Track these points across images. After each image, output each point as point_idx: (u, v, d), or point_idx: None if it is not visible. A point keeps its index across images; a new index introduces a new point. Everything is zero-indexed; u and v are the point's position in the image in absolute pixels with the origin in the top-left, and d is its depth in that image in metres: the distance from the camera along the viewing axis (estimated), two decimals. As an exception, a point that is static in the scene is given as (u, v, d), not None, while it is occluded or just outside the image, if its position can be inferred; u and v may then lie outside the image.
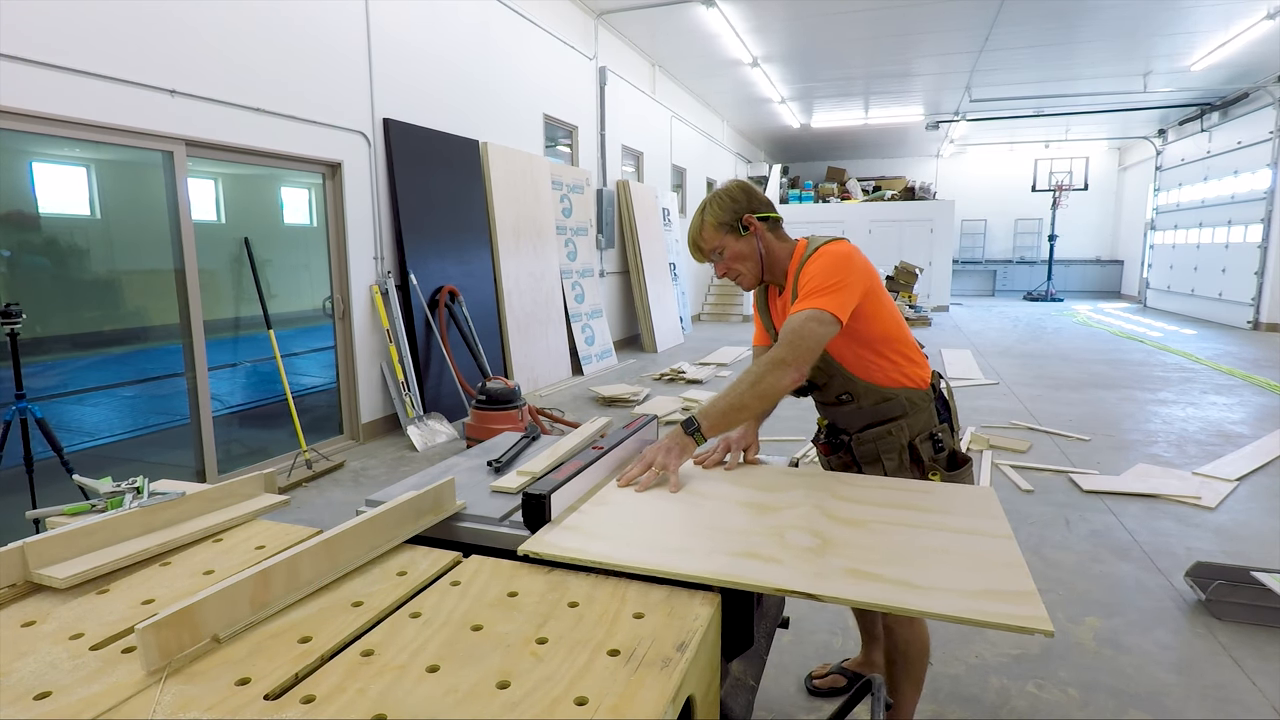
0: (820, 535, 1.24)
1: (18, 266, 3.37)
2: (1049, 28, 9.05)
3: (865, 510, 1.37)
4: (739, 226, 1.73)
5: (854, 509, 1.37)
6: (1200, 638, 2.53)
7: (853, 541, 1.22)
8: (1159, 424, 5.55)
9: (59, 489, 3.15)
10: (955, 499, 1.42)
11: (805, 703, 2.20)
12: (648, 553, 1.16)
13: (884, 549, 1.19)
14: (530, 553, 1.16)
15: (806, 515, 1.33)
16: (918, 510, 1.37)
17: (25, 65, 3.11)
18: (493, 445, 1.92)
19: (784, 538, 1.23)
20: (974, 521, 1.31)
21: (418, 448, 5.01)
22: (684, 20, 8.75)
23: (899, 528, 1.28)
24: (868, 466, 1.76)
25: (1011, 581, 1.08)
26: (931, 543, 1.22)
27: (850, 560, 1.15)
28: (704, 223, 1.75)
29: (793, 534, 1.25)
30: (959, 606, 1.01)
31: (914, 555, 1.17)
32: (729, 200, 1.74)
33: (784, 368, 1.53)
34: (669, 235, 11.18)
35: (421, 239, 5.64)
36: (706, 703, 0.96)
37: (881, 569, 1.12)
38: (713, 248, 1.75)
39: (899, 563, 1.14)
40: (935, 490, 1.48)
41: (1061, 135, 17.48)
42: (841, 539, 1.23)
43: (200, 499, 1.35)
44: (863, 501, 1.41)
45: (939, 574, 1.10)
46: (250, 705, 0.80)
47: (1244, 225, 11.86)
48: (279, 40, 4.37)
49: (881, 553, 1.18)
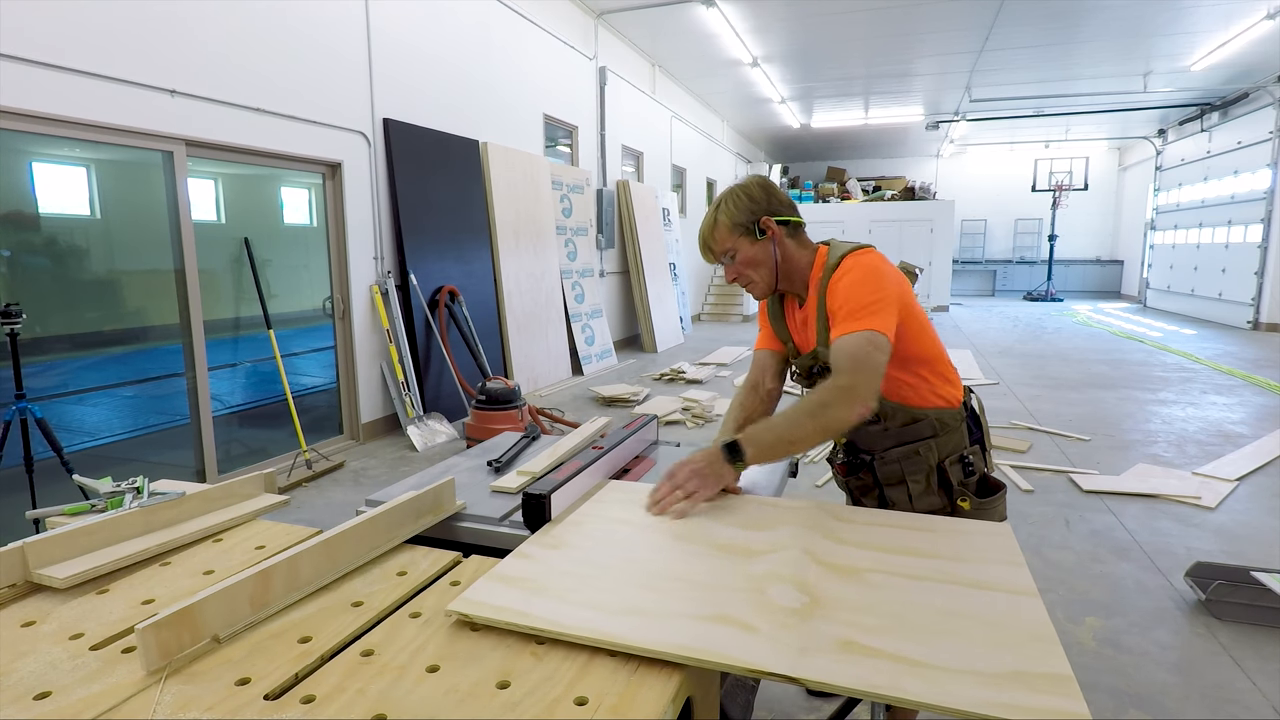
0: (808, 590, 1.04)
1: (18, 266, 3.37)
2: (1049, 28, 9.05)
3: (862, 556, 1.15)
4: (755, 229, 1.55)
5: (849, 554, 1.16)
6: (1200, 638, 2.53)
7: (846, 600, 1.01)
8: (1159, 424, 5.55)
9: (59, 489, 3.15)
10: (966, 541, 1.22)
11: (805, 703, 2.20)
12: (598, 615, 0.97)
13: (884, 610, 0.99)
14: (459, 614, 0.97)
15: (794, 561, 1.12)
16: (923, 556, 1.15)
17: (25, 65, 3.11)
18: (493, 445, 1.92)
19: (765, 593, 1.03)
20: (990, 571, 1.10)
21: (418, 448, 5.01)
22: (684, 20, 8.75)
23: (901, 580, 1.07)
24: (890, 488, 1.60)
25: (1041, 660, 0.86)
26: (940, 602, 1.01)
27: (842, 627, 0.94)
28: (716, 222, 1.57)
29: (776, 588, 1.04)
30: (976, 698, 0.79)
31: (920, 620, 0.96)
32: (746, 199, 1.56)
33: (852, 400, 1.35)
34: (669, 235, 11.18)
35: (421, 239, 5.64)
36: (706, 703, 0.96)
37: (880, 640, 0.91)
38: (724, 250, 1.58)
39: (902, 631, 0.93)
40: (942, 529, 1.27)
41: (1061, 135, 17.48)
42: (833, 596, 1.02)
43: (200, 499, 1.35)
44: (860, 544, 1.20)
45: (951, 648, 0.89)
46: (250, 705, 0.80)
47: (1244, 225, 11.86)
48: (279, 40, 4.37)
49: (881, 615, 0.97)
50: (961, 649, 0.89)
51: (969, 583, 1.07)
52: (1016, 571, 1.10)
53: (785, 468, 1.71)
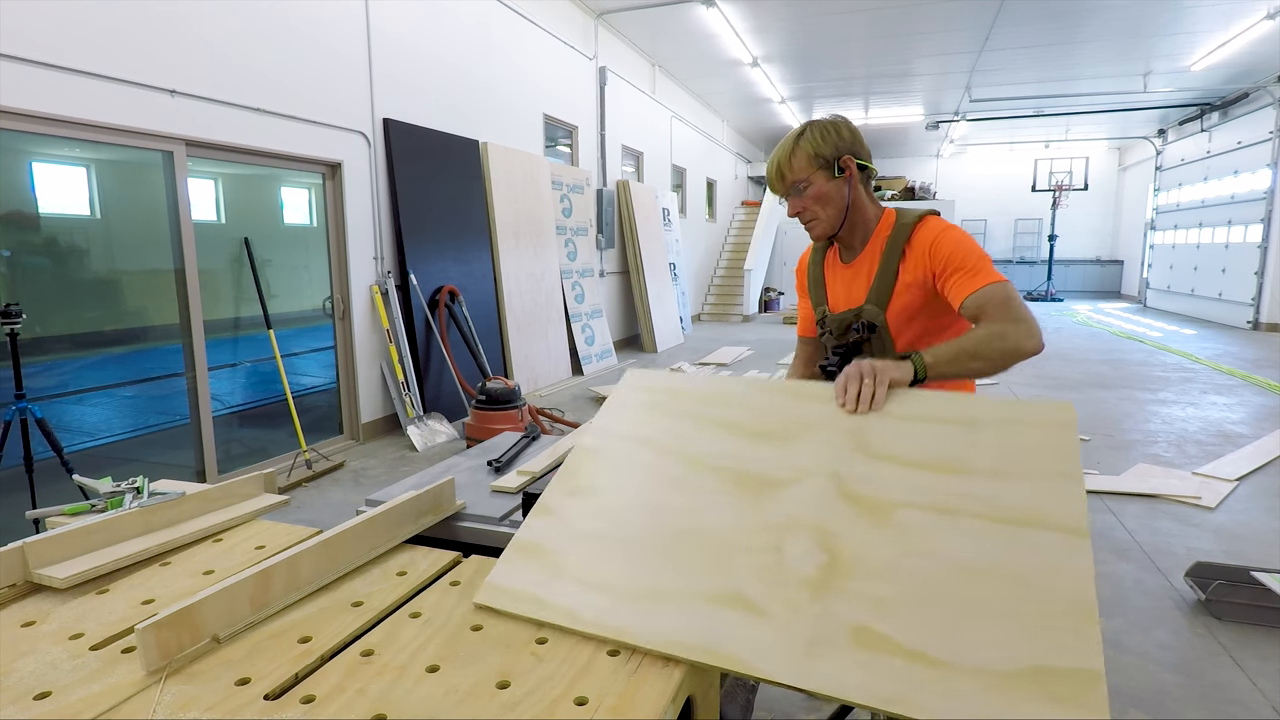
0: (828, 546, 0.95)
1: (18, 266, 3.37)
2: (1049, 28, 9.05)
3: (895, 479, 1.02)
4: (835, 165, 1.49)
5: (881, 475, 1.03)
6: (1200, 638, 2.52)
7: (868, 559, 0.92)
8: (1159, 424, 5.55)
9: (59, 489, 3.15)
10: (1020, 438, 1.04)
11: (805, 702, 2.20)
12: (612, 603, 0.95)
13: (907, 574, 0.89)
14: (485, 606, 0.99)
15: (818, 497, 1.02)
16: (963, 473, 1.01)
17: (25, 65, 3.11)
18: (493, 445, 1.92)
19: (781, 554, 0.95)
20: (1038, 492, 0.95)
21: (418, 448, 5.01)
22: (684, 20, 8.75)
23: (933, 519, 0.95)
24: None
25: (1070, 649, 0.76)
26: (972, 554, 0.90)
27: (858, 606, 0.87)
28: (797, 148, 1.50)
29: (794, 544, 0.96)
30: (989, 706, 0.73)
31: (944, 587, 0.86)
32: (833, 132, 1.50)
33: (1032, 333, 1.27)
34: (669, 235, 11.18)
35: (421, 239, 5.64)
36: (706, 703, 0.96)
37: (898, 626, 0.83)
38: (799, 179, 1.51)
39: (922, 606, 0.85)
40: (992, 420, 1.08)
41: (1061, 135, 17.48)
42: (854, 554, 0.93)
43: (200, 499, 1.35)
44: (895, 458, 1.06)
45: (972, 631, 0.81)
46: (250, 705, 0.80)
47: (1244, 225, 11.86)
48: (279, 40, 4.37)
49: (902, 582, 0.88)
50: (984, 631, 0.81)
51: (1010, 516, 0.93)
52: (1068, 493, 0.93)
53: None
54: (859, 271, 1.57)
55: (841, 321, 1.57)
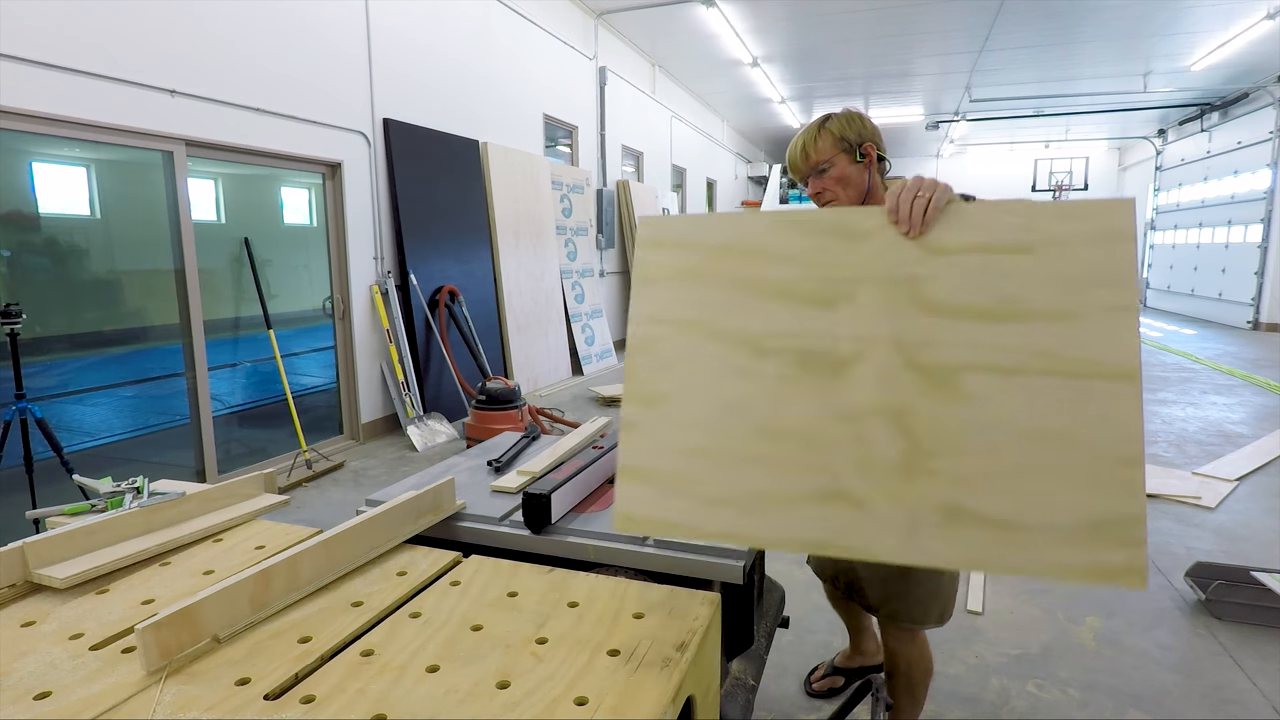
0: (905, 427, 1.00)
1: (18, 266, 3.37)
2: (1049, 28, 9.05)
3: (957, 337, 1.01)
4: (857, 151, 1.60)
5: (943, 337, 1.02)
6: (1200, 638, 2.53)
7: (943, 437, 0.98)
8: (1159, 424, 5.55)
9: (59, 489, 3.15)
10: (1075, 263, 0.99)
11: (805, 703, 2.20)
12: (731, 514, 1.04)
13: (979, 448, 0.96)
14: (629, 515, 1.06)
15: (885, 374, 1.02)
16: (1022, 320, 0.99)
17: (25, 65, 3.11)
18: (493, 445, 1.92)
19: (865, 442, 1.01)
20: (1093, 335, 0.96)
21: (418, 448, 5.01)
22: (684, 20, 8.75)
23: (997, 380, 0.98)
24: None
25: (1119, 498, 0.90)
26: (1034, 418, 0.95)
27: (944, 487, 0.96)
28: (823, 131, 1.60)
29: (874, 431, 1.01)
30: (1054, 559, 0.90)
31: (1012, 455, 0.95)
32: (857, 120, 1.62)
33: None
34: (669, 235, 11.16)
35: (421, 239, 5.64)
36: (706, 703, 0.96)
37: (982, 499, 0.95)
38: (822, 160, 1.59)
39: (996, 477, 0.95)
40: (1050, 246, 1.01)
41: (1061, 135, 17.48)
42: (930, 433, 0.99)
43: (200, 499, 1.35)
44: (955, 311, 1.02)
45: (1038, 493, 0.93)
46: (250, 705, 0.80)
47: (1244, 225, 11.86)
48: (279, 40, 4.37)
49: (976, 457, 0.97)
50: (1047, 492, 0.93)
51: (1068, 369, 0.96)
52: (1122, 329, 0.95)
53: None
54: None
55: None
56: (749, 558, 1.23)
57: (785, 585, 2.29)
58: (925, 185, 1.08)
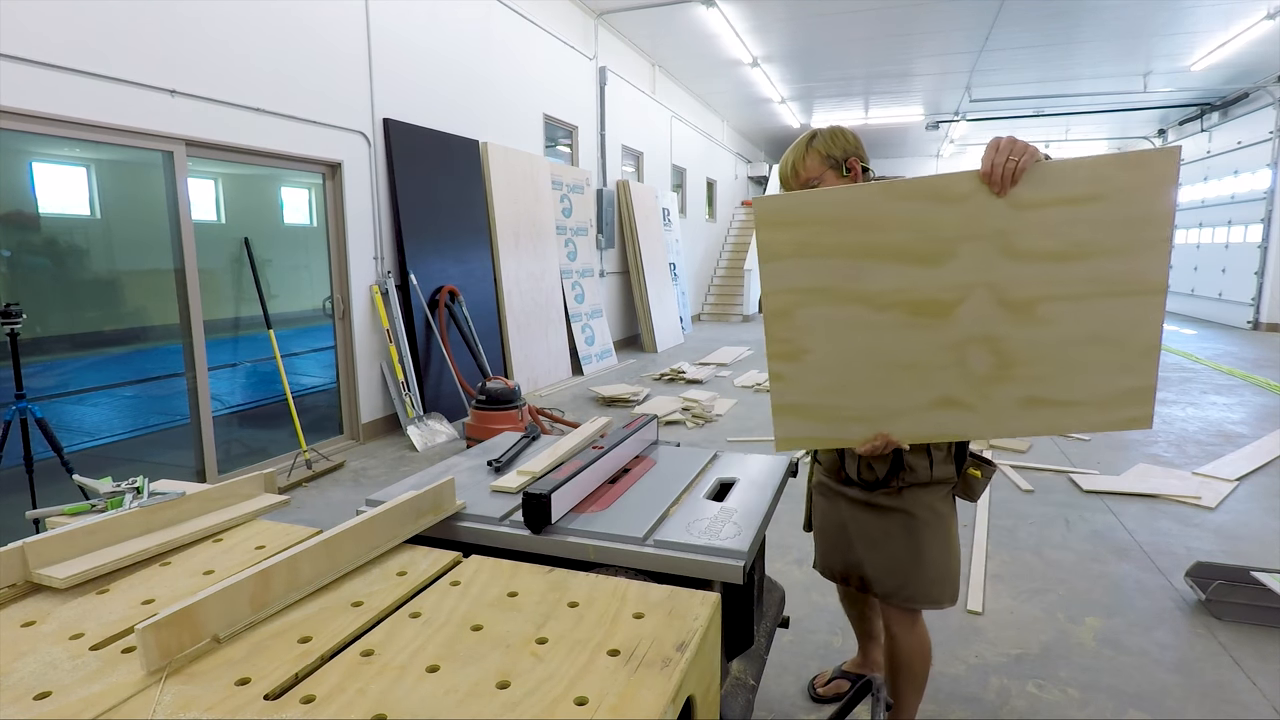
0: (994, 349, 1.34)
1: (18, 266, 3.37)
2: (1049, 28, 9.05)
3: (1038, 276, 1.30)
4: (842, 166, 1.70)
5: (1027, 277, 1.31)
6: (1200, 638, 2.53)
7: (1022, 353, 1.34)
8: (1159, 424, 5.55)
9: (59, 489, 3.15)
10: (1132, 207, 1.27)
11: (805, 703, 2.20)
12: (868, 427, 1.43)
13: (1048, 356, 1.33)
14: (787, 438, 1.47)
15: (980, 311, 1.33)
16: (1089, 258, 1.29)
17: (25, 65, 3.11)
18: (493, 445, 1.92)
19: (965, 364, 1.36)
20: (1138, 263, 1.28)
21: (418, 448, 5.01)
22: (684, 20, 8.75)
23: (1067, 306, 1.31)
24: (912, 455, 1.62)
25: (1140, 374, 1.31)
26: (1090, 328, 1.31)
27: (1022, 386, 1.35)
28: (810, 149, 1.71)
29: (971, 354, 1.35)
30: (1094, 420, 1.34)
31: (1072, 356, 1.32)
32: (841, 137, 1.72)
33: None
34: (669, 235, 11.18)
35: (421, 239, 5.64)
36: (706, 703, 0.96)
37: (1047, 389, 1.34)
38: (811, 177, 1.71)
39: (1060, 374, 1.33)
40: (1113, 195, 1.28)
41: (1061, 135, 17.46)
42: (1013, 351, 1.34)
43: (200, 499, 1.35)
44: (1036, 256, 1.30)
45: (1088, 378, 1.32)
46: (250, 705, 0.80)
47: (1244, 225, 11.87)
48: (279, 40, 4.37)
49: (1046, 362, 1.33)
50: (1094, 376, 1.32)
51: (1119, 289, 1.29)
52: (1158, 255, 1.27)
53: (786, 466, 1.71)
54: None
55: None
56: (749, 558, 1.23)
57: (785, 585, 2.29)
58: (1017, 149, 1.28)
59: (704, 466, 1.72)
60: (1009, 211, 1.29)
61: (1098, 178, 1.27)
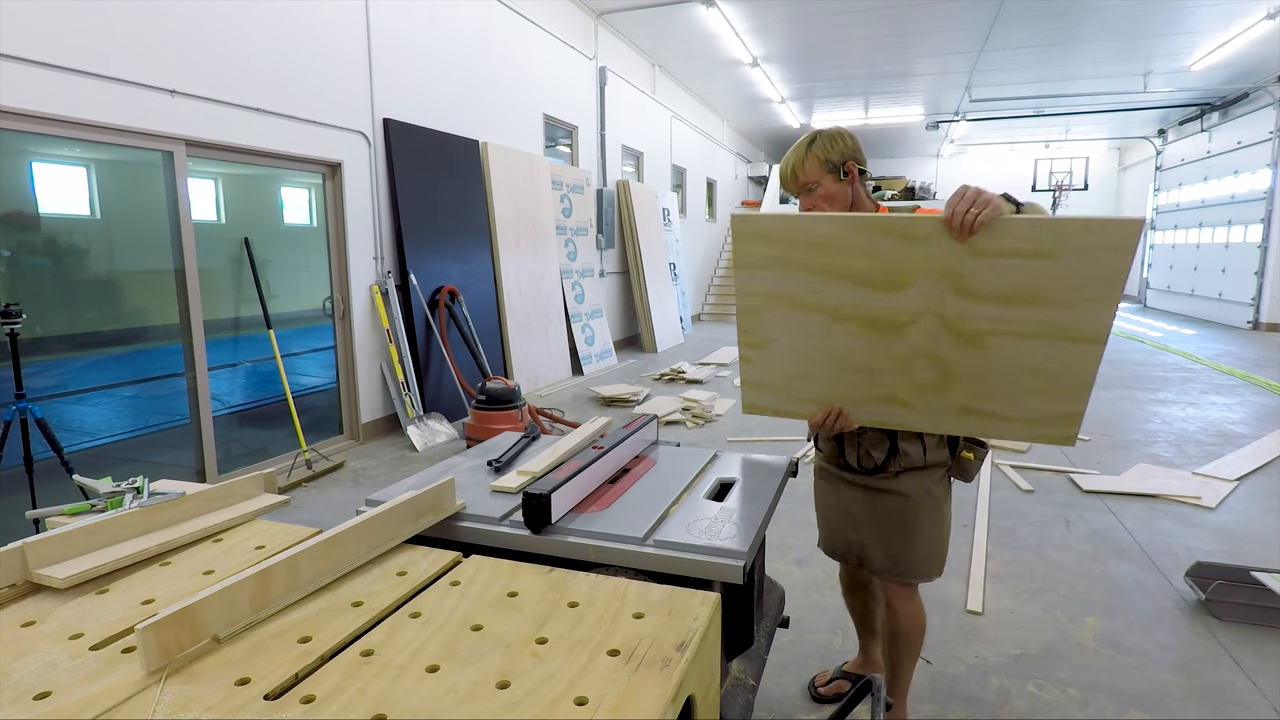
0: (939, 365, 1.45)
1: (18, 266, 3.37)
2: (1049, 28, 9.05)
3: (986, 314, 1.39)
4: (840, 170, 1.73)
5: (975, 313, 1.39)
6: (1200, 638, 2.53)
7: (965, 372, 1.45)
8: (1159, 424, 5.55)
9: (59, 489, 3.15)
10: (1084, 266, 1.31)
11: (805, 703, 2.20)
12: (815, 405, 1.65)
13: (990, 375, 1.44)
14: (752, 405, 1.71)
15: (929, 334, 1.43)
16: (1038, 305, 1.36)
17: (25, 65, 3.11)
18: (493, 445, 1.92)
19: (911, 371, 1.48)
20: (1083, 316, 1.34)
21: (418, 448, 5.01)
22: (684, 20, 8.75)
23: (1012, 341, 1.40)
24: (905, 441, 1.72)
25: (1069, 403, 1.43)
26: (1031, 361, 1.41)
27: (962, 397, 1.48)
28: (809, 154, 1.74)
29: (917, 366, 1.47)
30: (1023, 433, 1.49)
31: (1012, 381, 1.43)
32: (840, 141, 1.75)
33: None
34: (669, 235, 11.18)
35: (421, 239, 5.64)
36: (706, 703, 0.96)
37: (984, 403, 1.47)
38: (809, 181, 1.75)
39: (999, 393, 1.45)
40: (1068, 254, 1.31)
41: (1061, 135, 17.48)
42: (958, 368, 1.45)
43: (200, 499, 1.35)
44: (986, 298, 1.38)
45: (1025, 401, 1.43)
46: (250, 705, 0.80)
47: (1244, 225, 11.87)
48: (279, 40, 4.37)
49: (987, 382, 1.45)
50: (1031, 400, 1.44)
51: (1061, 334, 1.37)
52: (1104, 314, 1.34)
53: (786, 466, 1.71)
54: None
55: None
56: (749, 558, 1.23)
57: (785, 585, 2.29)
58: (980, 201, 1.33)
59: (704, 466, 1.72)
60: (965, 255, 1.36)
61: (1058, 238, 1.31)
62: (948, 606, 2.74)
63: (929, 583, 1.90)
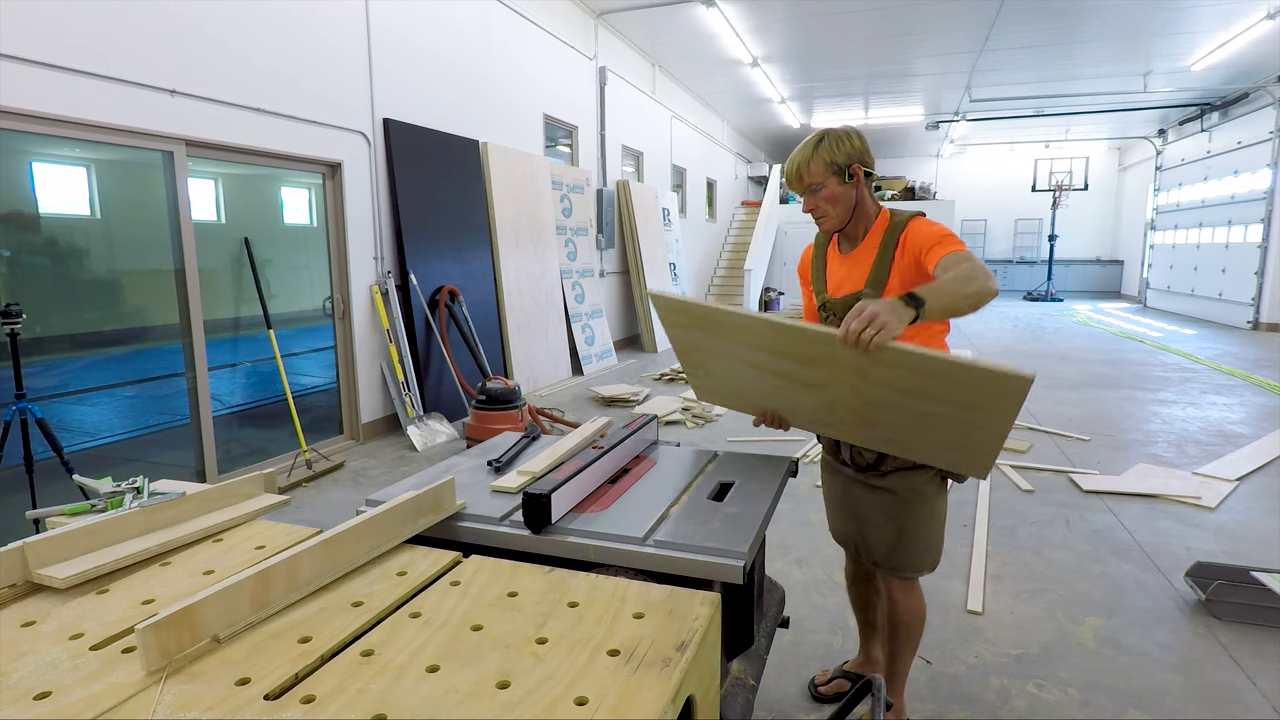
0: (860, 414, 1.57)
1: (18, 266, 3.37)
2: (1049, 28, 9.05)
3: (892, 393, 1.47)
4: (846, 172, 1.73)
5: (886, 395, 1.49)
6: (1200, 638, 2.53)
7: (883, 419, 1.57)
8: (1159, 424, 5.55)
9: (59, 489, 3.15)
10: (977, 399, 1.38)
11: (805, 703, 2.20)
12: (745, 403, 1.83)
13: (903, 426, 1.55)
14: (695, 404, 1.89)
15: (843, 394, 1.54)
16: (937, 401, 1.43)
17: (25, 65, 3.11)
18: (493, 445, 1.92)
19: (835, 411, 1.61)
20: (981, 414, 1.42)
21: (418, 448, 5.01)
22: (684, 20, 8.75)
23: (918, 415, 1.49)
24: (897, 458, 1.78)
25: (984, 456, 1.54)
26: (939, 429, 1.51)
27: (883, 433, 1.61)
28: (815, 155, 1.73)
29: (838, 409, 1.60)
30: (935, 460, 1.66)
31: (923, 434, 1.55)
32: (847, 142, 1.74)
33: (989, 277, 1.48)
34: (669, 235, 11.18)
35: (421, 239, 5.64)
36: (706, 703, 0.96)
37: (900, 442, 1.62)
38: (814, 182, 1.74)
39: (911, 438, 1.58)
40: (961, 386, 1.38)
41: (1061, 135, 17.48)
42: (875, 418, 1.58)
43: (200, 499, 1.35)
44: (892, 390, 1.46)
45: (931, 447, 1.59)
46: (250, 705, 0.80)
47: (1244, 225, 11.86)
48: (279, 40, 4.37)
49: (901, 429, 1.57)
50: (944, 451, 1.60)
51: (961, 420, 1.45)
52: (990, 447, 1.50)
53: (786, 466, 1.71)
54: (859, 260, 1.81)
55: (845, 304, 1.80)
56: (749, 558, 1.23)
57: (785, 585, 2.29)
58: (876, 323, 1.32)
59: (704, 466, 1.72)
60: (867, 361, 1.40)
61: (951, 382, 1.38)
62: (948, 606, 2.74)
63: (926, 575, 1.94)
